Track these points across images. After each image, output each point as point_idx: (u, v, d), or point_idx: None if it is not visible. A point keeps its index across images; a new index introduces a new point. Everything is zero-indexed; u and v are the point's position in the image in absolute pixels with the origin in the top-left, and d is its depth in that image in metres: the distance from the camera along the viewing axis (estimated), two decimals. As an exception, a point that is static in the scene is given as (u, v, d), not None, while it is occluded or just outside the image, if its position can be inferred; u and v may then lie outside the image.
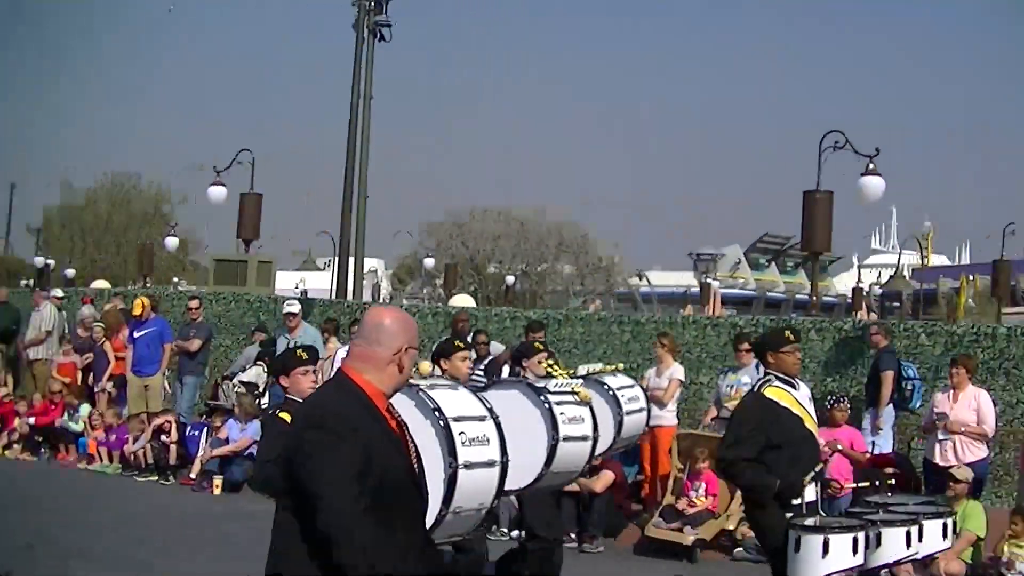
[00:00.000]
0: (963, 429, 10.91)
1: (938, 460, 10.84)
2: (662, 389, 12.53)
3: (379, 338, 4.17)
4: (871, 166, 17.68)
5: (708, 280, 48.35)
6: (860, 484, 8.56)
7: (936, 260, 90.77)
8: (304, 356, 6.89)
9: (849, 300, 48.48)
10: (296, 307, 15.55)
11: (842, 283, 76.81)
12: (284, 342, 14.84)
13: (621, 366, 8.51)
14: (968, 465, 10.51)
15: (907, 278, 72.15)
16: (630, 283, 59.63)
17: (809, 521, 6.77)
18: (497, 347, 14.22)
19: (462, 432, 5.17)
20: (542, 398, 6.65)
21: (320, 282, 50.98)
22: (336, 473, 3.85)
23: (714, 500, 11.52)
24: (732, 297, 59.95)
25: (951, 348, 13.28)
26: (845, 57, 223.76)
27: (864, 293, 48.60)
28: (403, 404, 4.87)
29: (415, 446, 4.30)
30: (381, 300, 46.59)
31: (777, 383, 7.19)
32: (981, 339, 13.43)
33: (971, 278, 60.02)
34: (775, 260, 79.42)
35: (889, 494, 8.16)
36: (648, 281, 58.82)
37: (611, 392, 7.55)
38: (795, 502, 6.92)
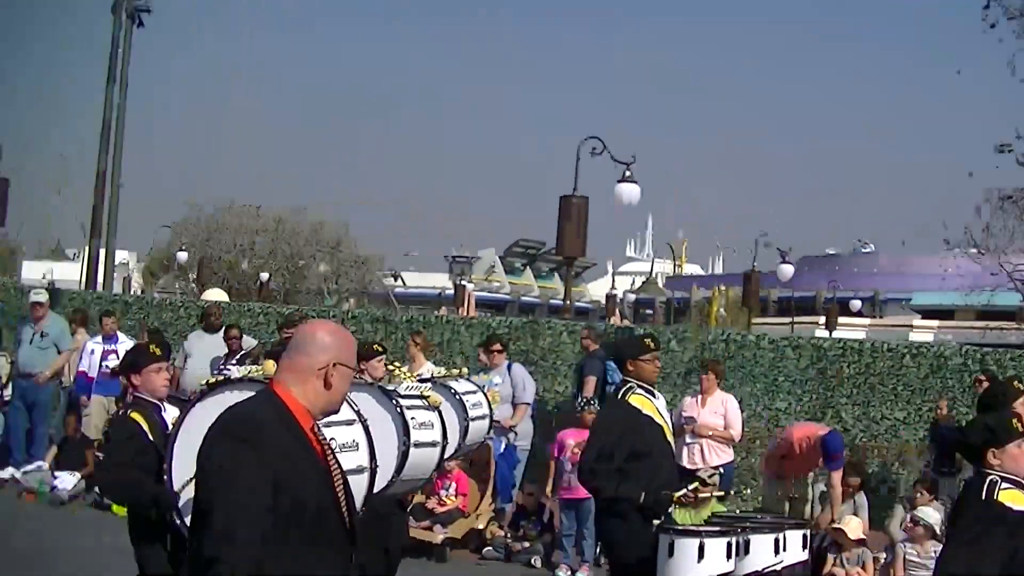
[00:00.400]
0: (710, 433, 11.18)
1: (685, 463, 11.06)
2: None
3: (306, 348, 3.88)
4: (627, 173, 18.04)
5: (463, 283, 48.86)
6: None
7: (689, 269, 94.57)
8: (157, 352, 6.24)
9: (602, 305, 49.75)
10: (43, 296, 14.89)
11: (597, 289, 78.98)
12: (29, 333, 14.30)
13: (465, 371, 8.39)
14: (714, 468, 10.76)
15: (660, 286, 74.91)
16: (385, 283, 59.77)
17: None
18: (249, 341, 13.98)
19: (332, 438, 4.90)
20: (393, 402, 6.44)
21: (70, 273, 49.53)
22: (236, 493, 3.54)
23: (464, 499, 11.46)
24: (486, 300, 60.93)
25: (701, 354, 13.67)
26: (606, 67, 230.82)
27: (618, 300, 49.95)
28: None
29: (343, 475, 3.94)
30: (132, 292, 45.05)
31: (639, 391, 7.07)
32: (730, 346, 13.91)
33: (723, 288, 62.86)
34: (530, 264, 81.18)
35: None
36: (403, 282, 59.08)
37: (458, 397, 7.41)
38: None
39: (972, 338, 42.44)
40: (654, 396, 7.13)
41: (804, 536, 7.24)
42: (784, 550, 6.94)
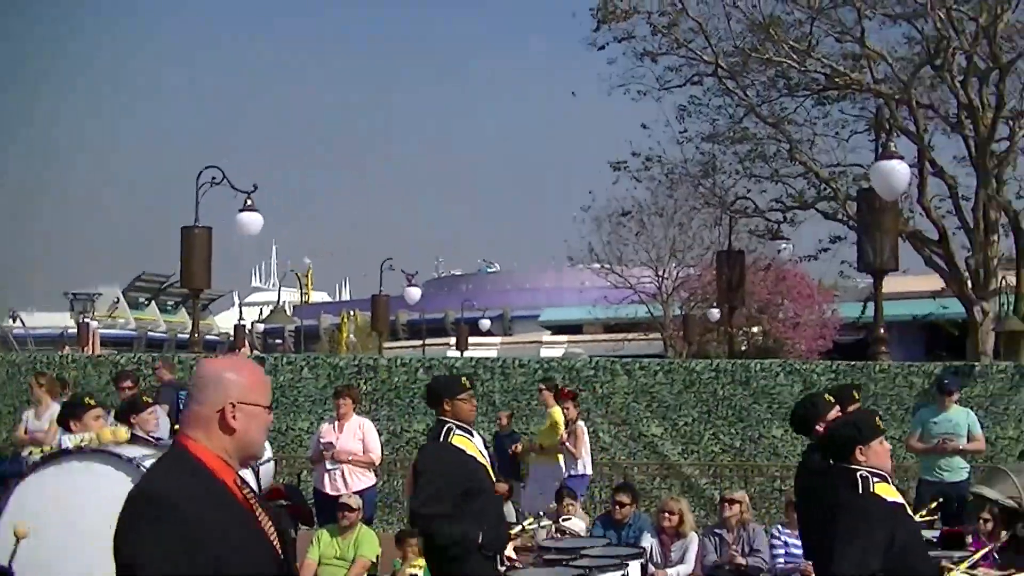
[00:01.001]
0: (350, 458, 11.31)
1: (328, 490, 11.12)
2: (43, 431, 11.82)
3: (197, 394, 3.48)
4: (248, 202, 17.94)
5: (86, 320, 46.83)
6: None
7: (317, 296, 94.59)
8: (92, 403, 5.92)
9: (231, 338, 48.91)
10: None
11: (224, 321, 77.61)
12: None
13: None
14: (357, 493, 10.89)
15: (288, 314, 74.40)
16: (2, 325, 56.52)
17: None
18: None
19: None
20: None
21: None
22: (147, 561, 3.15)
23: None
24: (112, 337, 59.12)
25: (334, 380, 13.80)
26: (227, 95, 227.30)
27: (247, 330, 49.26)
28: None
29: (273, 523, 3.54)
30: None
31: (459, 431, 6.94)
32: (364, 371, 14.14)
33: (352, 313, 63.27)
34: (155, 299, 79.07)
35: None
36: (22, 322, 56.16)
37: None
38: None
39: (599, 350, 45.07)
40: (472, 435, 7.06)
41: (642, 565, 7.49)
42: None
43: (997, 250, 19.44)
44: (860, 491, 5.45)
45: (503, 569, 6.93)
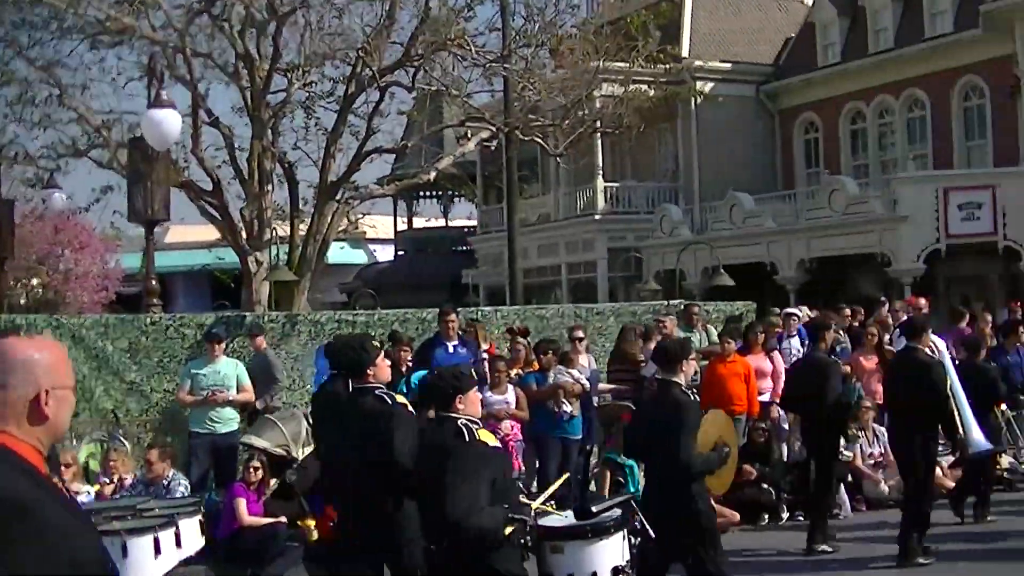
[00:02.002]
0: None
1: None
2: None
3: (3, 378, 3.14)
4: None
5: None
6: None
7: None
8: None
9: None
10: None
11: None
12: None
13: None
14: None
15: None
16: None
17: None
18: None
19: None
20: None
21: None
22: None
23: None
24: None
25: None
26: None
27: None
28: None
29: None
30: None
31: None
32: None
33: None
34: None
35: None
36: None
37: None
38: None
39: None
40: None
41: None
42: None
43: (271, 201, 20.20)
44: (467, 439, 6.12)
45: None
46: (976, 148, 31.31)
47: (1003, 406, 12.69)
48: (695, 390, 10.07)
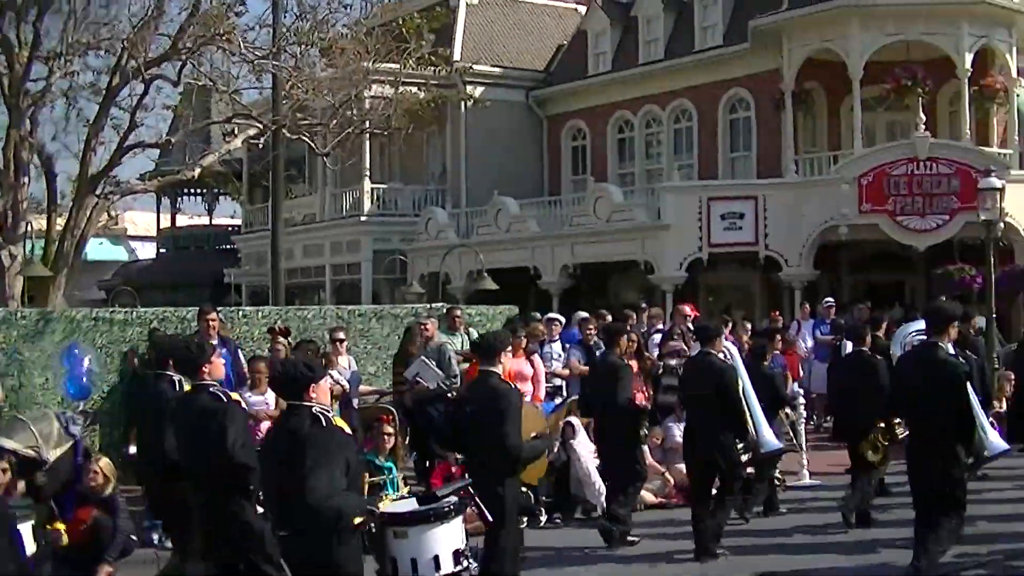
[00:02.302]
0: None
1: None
2: None
3: None
4: None
5: None
6: None
7: None
8: None
9: None
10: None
11: None
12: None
13: None
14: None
15: None
16: None
17: None
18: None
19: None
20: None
21: None
22: None
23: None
24: None
25: None
26: None
27: None
28: None
29: None
30: None
31: None
32: None
33: None
34: None
35: None
36: None
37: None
38: None
39: None
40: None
41: None
42: None
43: (27, 193, 19.61)
44: (324, 425, 6.55)
45: None
46: (740, 159, 32.30)
47: (787, 409, 13.51)
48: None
